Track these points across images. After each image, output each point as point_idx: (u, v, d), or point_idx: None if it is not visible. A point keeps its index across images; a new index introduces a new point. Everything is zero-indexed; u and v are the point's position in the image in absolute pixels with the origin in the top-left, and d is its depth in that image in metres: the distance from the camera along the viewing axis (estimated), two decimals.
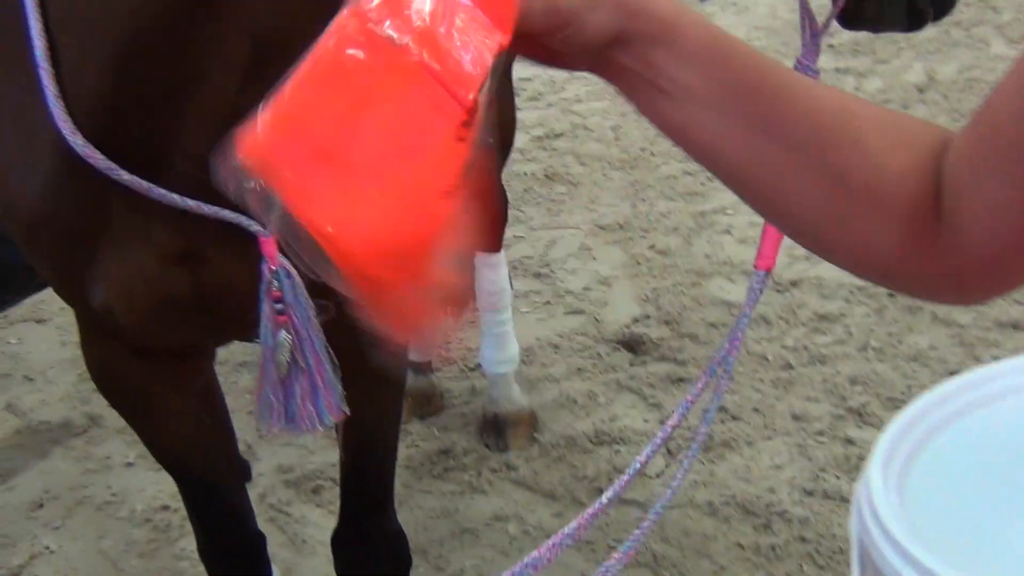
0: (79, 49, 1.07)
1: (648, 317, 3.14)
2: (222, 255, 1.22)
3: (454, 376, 2.94)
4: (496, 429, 2.66)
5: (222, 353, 2.74)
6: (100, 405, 2.75)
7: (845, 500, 2.38)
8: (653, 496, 2.39)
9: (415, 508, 2.43)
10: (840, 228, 0.62)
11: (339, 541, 1.71)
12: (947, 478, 0.43)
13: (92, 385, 2.85)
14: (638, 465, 0.99)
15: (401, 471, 2.35)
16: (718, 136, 0.59)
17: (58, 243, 1.23)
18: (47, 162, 1.14)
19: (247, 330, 1.30)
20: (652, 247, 3.51)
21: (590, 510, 0.92)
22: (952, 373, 2.52)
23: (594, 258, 3.50)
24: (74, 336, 3.12)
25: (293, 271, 1.21)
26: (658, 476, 2.50)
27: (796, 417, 2.67)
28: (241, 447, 2.08)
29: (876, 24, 1.34)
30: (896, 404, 2.64)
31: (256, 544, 1.70)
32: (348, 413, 1.31)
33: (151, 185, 1.12)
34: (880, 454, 0.44)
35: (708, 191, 3.73)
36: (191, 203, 1.14)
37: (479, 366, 2.77)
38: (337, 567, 1.74)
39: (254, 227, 1.18)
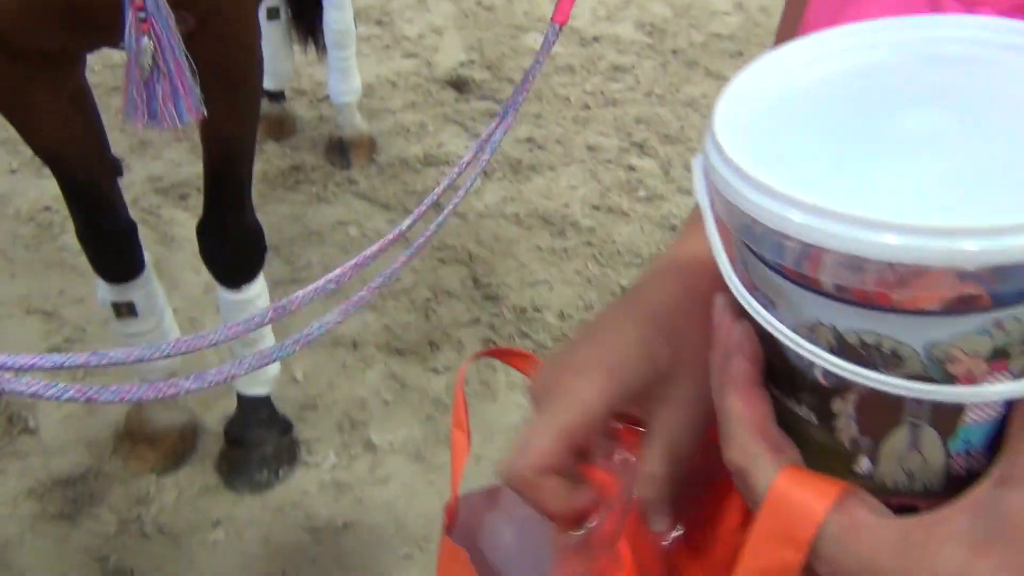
0: None
1: (473, 62, 3.39)
2: None
3: (305, 105, 3.14)
4: (340, 150, 2.86)
5: (95, 79, 2.88)
6: None
7: (625, 214, 2.68)
8: (469, 208, 2.65)
9: (270, 214, 2.58)
10: None
11: (203, 231, 1.75)
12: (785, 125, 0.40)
13: None
14: (451, 179, 1.09)
15: (258, 183, 2.49)
16: None
17: None
18: None
19: (114, 38, 1.35)
20: (479, 3, 3.73)
21: (414, 214, 1.11)
22: None
23: (428, 10, 3.72)
24: None
25: None
26: (475, 192, 2.75)
27: (590, 148, 2.97)
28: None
29: None
30: (671, 140, 3.00)
31: (128, 230, 1.74)
32: (205, 114, 1.33)
33: None
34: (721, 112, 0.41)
35: None
36: None
37: (327, 97, 2.96)
38: (203, 255, 1.79)
39: None
